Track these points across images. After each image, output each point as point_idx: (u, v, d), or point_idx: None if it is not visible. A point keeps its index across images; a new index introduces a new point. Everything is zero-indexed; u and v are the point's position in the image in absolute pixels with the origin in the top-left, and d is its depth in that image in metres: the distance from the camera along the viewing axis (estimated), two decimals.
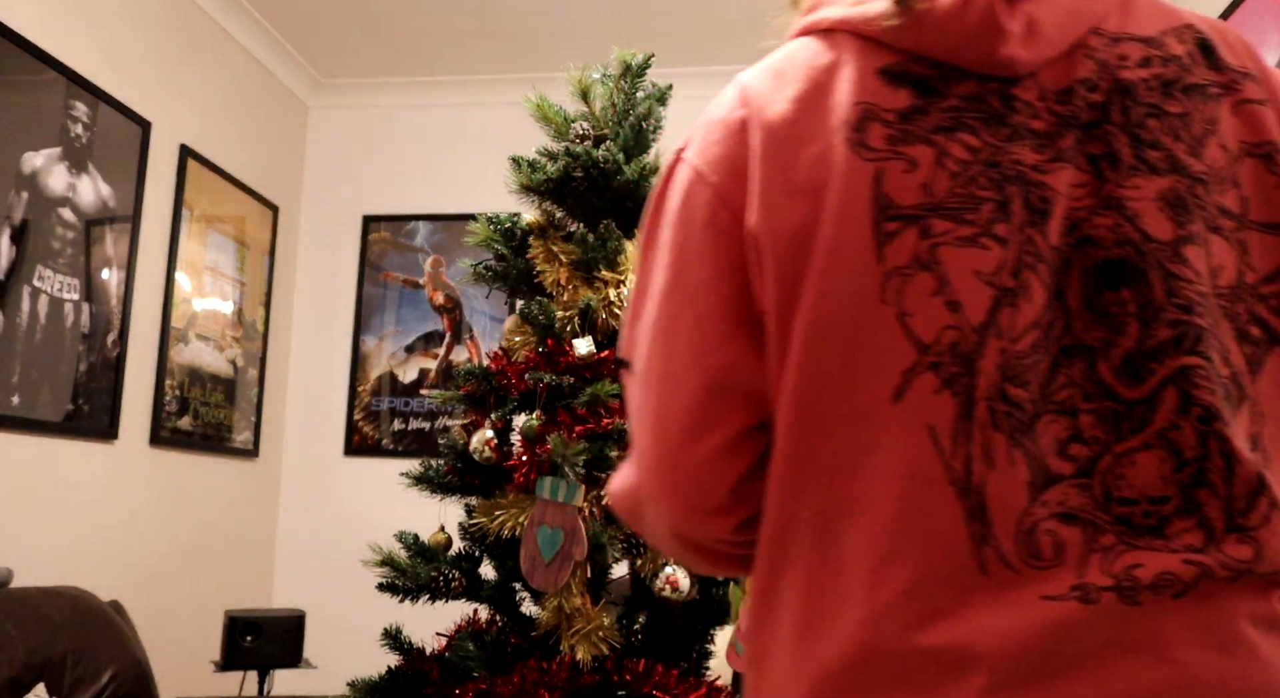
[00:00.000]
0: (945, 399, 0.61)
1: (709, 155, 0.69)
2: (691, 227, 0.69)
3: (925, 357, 0.62)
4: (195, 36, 3.33)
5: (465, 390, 1.80)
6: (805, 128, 0.66)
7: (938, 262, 0.62)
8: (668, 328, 0.70)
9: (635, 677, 1.58)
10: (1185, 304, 0.62)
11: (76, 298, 2.71)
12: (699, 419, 0.68)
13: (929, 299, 0.62)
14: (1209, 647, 0.59)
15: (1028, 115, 0.65)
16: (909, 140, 0.64)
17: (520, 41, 3.72)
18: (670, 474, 0.70)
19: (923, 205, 0.63)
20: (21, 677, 1.99)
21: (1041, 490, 0.60)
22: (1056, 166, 0.64)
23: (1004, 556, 0.59)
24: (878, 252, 0.63)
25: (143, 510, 3.02)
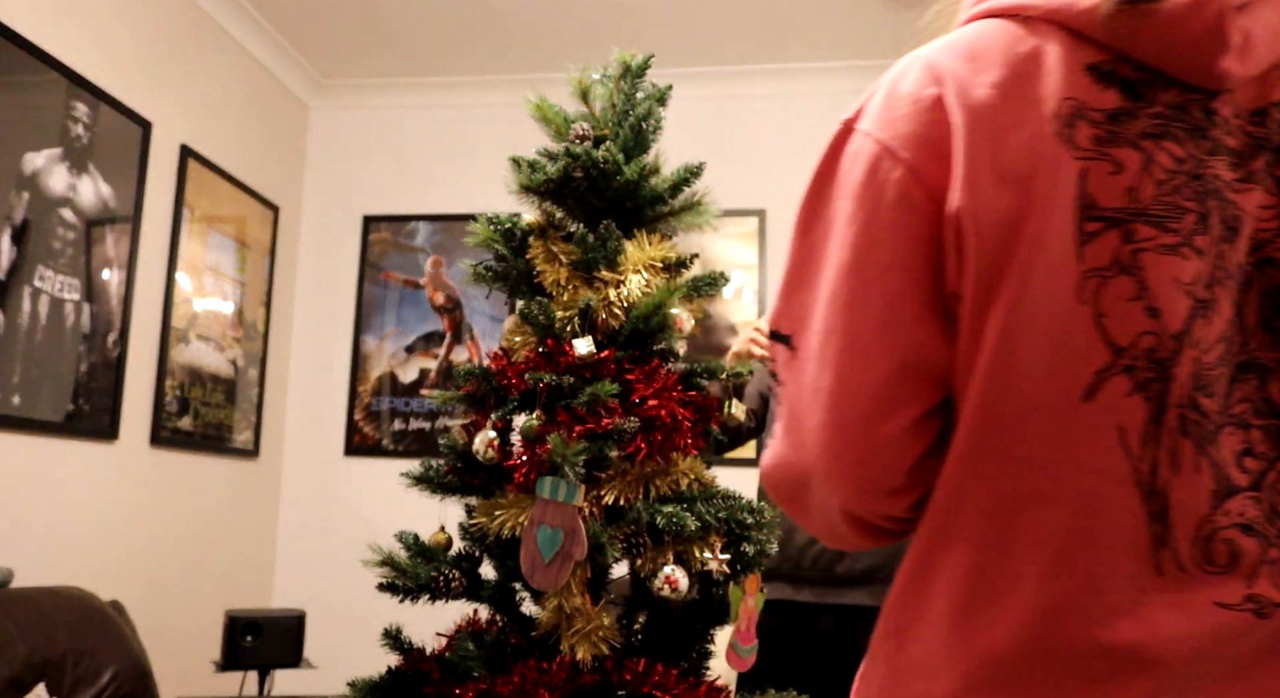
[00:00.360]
0: (1137, 402, 0.63)
1: (897, 131, 0.68)
2: (880, 202, 0.67)
3: (1120, 359, 0.63)
4: (195, 37, 3.33)
5: (465, 390, 1.80)
6: (1012, 115, 0.65)
7: (1139, 267, 0.63)
8: (850, 304, 0.68)
9: (635, 677, 1.58)
10: None
11: (77, 298, 2.71)
12: (888, 398, 0.68)
13: (1127, 303, 0.63)
14: None
15: (1224, 131, 0.65)
16: (1116, 143, 0.64)
17: (520, 41, 3.72)
18: (851, 453, 0.69)
19: (1127, 209, 0.63)
20: (22, 676, 1.99)
21: (1224, 500, 0.62)
22: (1247, 187, 0.65)
23: (1179, 559, 0.62)
24: (1078, 250, 0.63)
25: (143, 510, 3.03)
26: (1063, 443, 0.63)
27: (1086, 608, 0.62)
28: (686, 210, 1.90)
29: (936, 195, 0.66)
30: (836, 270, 0.70)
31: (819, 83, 3.84)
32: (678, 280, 1.82)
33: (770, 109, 3.89)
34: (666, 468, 1.68)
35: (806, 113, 3.86)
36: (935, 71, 0.68)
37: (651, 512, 1.63)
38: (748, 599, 1.72)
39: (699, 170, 1.89)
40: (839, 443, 0.69)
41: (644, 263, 1.78)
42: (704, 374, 1.80)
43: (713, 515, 1.64)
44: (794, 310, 0.73)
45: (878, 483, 0.70)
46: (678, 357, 1.81)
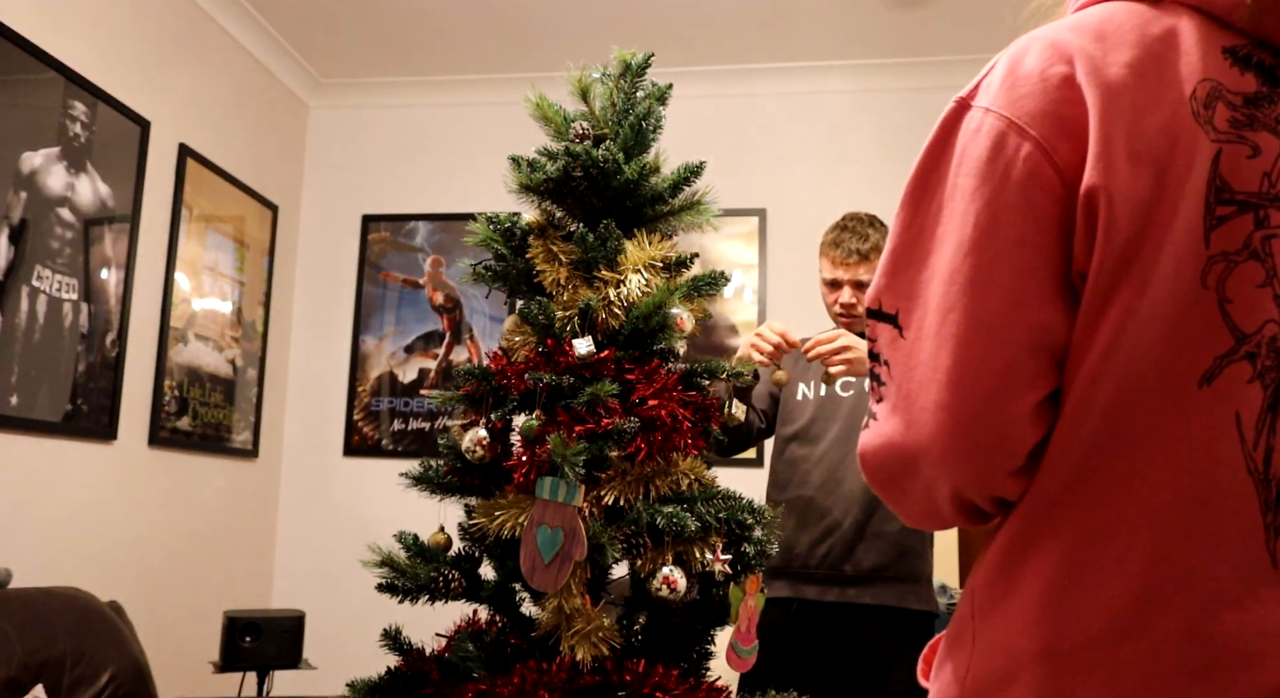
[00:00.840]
0: (1255, 390, 0.63)
1: (1024, 108, 0.67)
2: (1007, 179, 0.66)
3: (1243, 345, 0.63)
4: (195, 36, 3.32)
5: (465, 391, 1.79)
6: (1148, 95, 0.64)
7: (1270, 253, 0.63)
8: (975, 281, 0.66)
9: (635, 677, 1.58)
10: None
11: (75, 298, 2.71)
12: (1015, 379, 0.66)
13: (1254, 289, 0.63)
14: None
15: None
16: (1254, 126, 0.64)
17: (520, 41, 3.71)
18: (975, 434, 0.66)
19: (1262, 194, 0.63)
20: (20, 677, 1.99)
21: None
22: None
23: None
24: (1205, 234, 0.63)
25: (142, 511, 3.02)
26: (1176, 427, 0.63)
27: (1190, 596, 0.61)
28: (686, 210, 1.89)
29: (1066, 175, 0.65)
30: (957, 247, 0.67)
31: (819, 82, 3.84)
32: (678, 280, 1.81)
33: (770, 109, 3.89)
34: (666, 468, 1.67)
35: (806, 112, 3.85)
36: (1063, 50, 0.67)
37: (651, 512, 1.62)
38: (748, 600, 1.71)
39: (699, 170, 1.88)
40: (962, 423, 0.66)
41: (644, 262, 1.78)
42: (704, 374, 1.79)
43: (713, 516, 1.64)
44: (901, 288, 0.71)
45: (999, 466, 0.67)
46: (678, 357, 1.81)
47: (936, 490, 0.71)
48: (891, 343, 0.71)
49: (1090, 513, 0.65)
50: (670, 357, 1.79)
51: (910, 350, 0.70)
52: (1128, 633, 0.62)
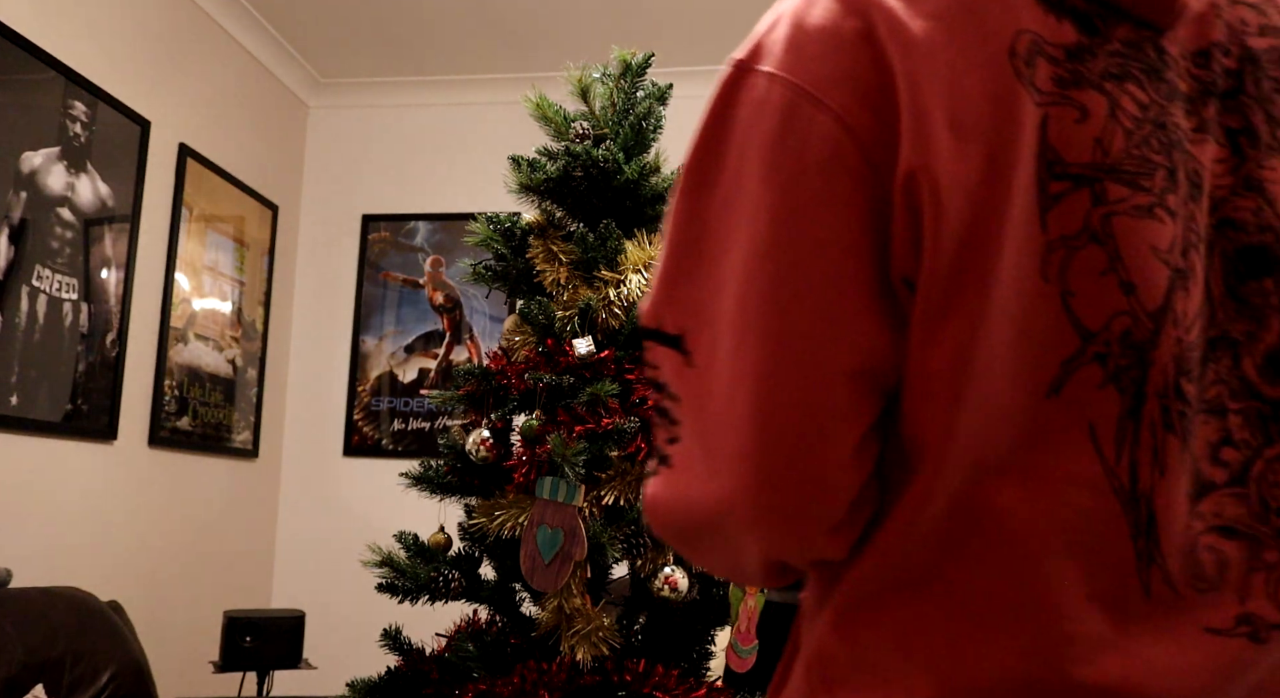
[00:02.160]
0: (1110, 395, 0.52)
1: (815, 72, 0.53)
2: (802, 162, 0.52)
3: (1090, 345, 0.52)
4: (195, 36, 3.32)
5: (465, 390, 1.79)
6: (963, 52, 0.52)
7: (1110, 234, 0.52)
8: (773, 294, 0.53)
9: (635, 677, 1.58)
10: None
11: (75, 297, 2.71)
12: (834, 414, 0.53)
13: (1098, 278, 0.52)
14: None
15: (1175, 74, 0.56)
16: (1080, 85, 0.53)
17: (520, 41, 3.71)
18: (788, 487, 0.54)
19: (1096, 165, 0.52)
20: (20, 677, 1.99)
21: (1197, 501, 0.54)
22: (1202, 137, 0.56)
23: (1169, 577, 0.52)
24: (1041, 216, 0.52)
25: (142, 511, 3.02)
26: (1031, 449, 0.52)
27: (1064, 643, 0.52)
28: None
29: (873, 155, 0.52)
30: (750, 250, 0.54)
31: None
32: None
33: None
34: None
35: None
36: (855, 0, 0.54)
37: None
38: (748, 600, 1.71)
39: None
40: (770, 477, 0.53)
41: (644, 262, 1.78)
42: None
43: None
44: (682, 304, 0.57)
45: (818, 523, 0.55)
46: None
47: (743, 553, 0.59)
48: (678, 372, 0.57)
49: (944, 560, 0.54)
50: None
51: (701, 381, 0.55)
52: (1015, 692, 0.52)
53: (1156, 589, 0.52)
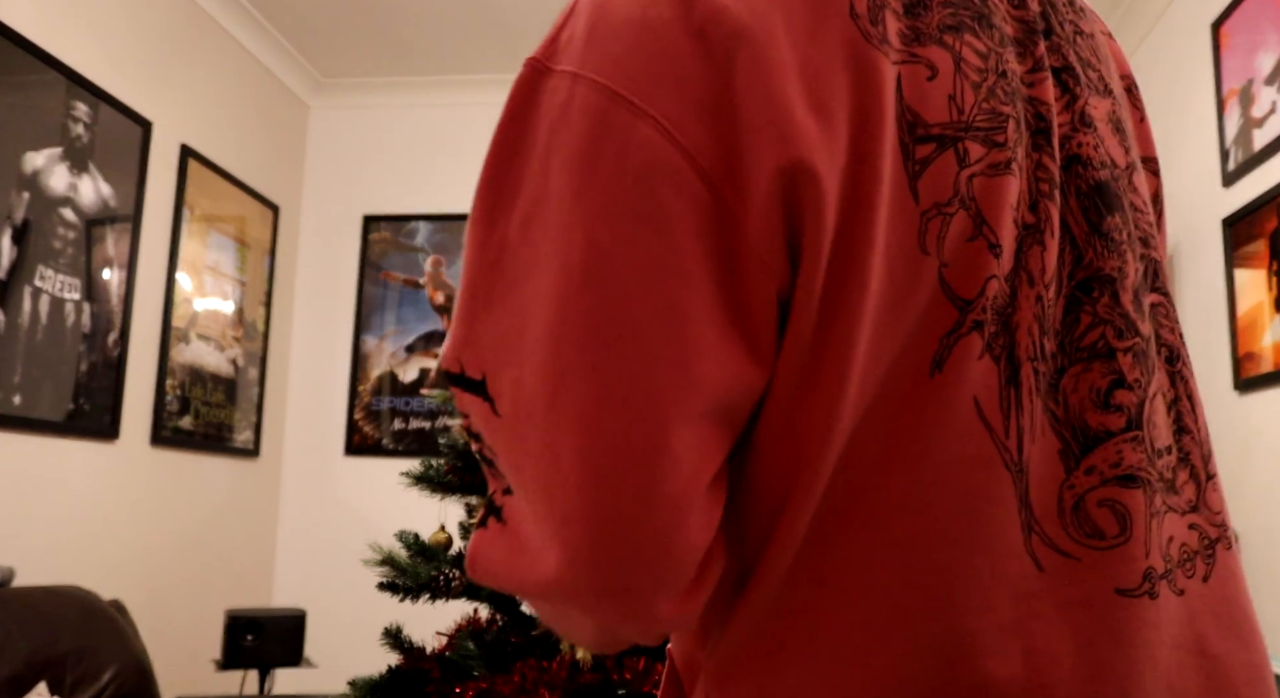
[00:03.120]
0: (987, 364, 0.48)
1: (628, 71, 0.45)
2: (621, 172, 0.45)
3: (969, 313, 0.48)
4: (195, 36, 3.33)
5: None
6: (803, 22, 0.46)
7: (973, 197, 0.48)
8: (596, 329, 0.44)
9: (635, 676, 1.59)
10: (1144, 237, 0.56)
11: (78, 298, 2.72)
12: (677, 463, 0.44)
13: (966, 245, 0.48)
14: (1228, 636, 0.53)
15: (1000, 19, 0.53)
16: (923, 40, 0.49)
17: (520, 41, 3.72)
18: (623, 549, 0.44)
19: (954, 124, 0.48)
20: (23, 676, 2.00)
21: (1082, 455, 0.50)
22: (1040, 77, 0.53)
23: (1052, 542, 0.48)
24: (912, 185, 0.47)
25: (144, 510, 3.03)
26: (920, 433, 0.47)
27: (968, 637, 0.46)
28: None
29: (701, 163, 0.44)
30: (563, 278, 0.45)
31: None
32: None
33: None
34: None
35: None
36: None
37: None
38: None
39: None
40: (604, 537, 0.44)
41: None
42: None
43: None
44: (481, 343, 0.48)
45: (665, 589, 0.46)
46: None
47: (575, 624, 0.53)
48: (487, 421, 0.48)
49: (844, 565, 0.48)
50: None
51: (513, 433, 0.47)
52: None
53: (1045, 559, 0.48)
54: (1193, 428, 0.56)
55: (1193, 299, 2.93)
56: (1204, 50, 2.86)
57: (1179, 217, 3.04)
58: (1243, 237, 2.60)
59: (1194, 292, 2.92)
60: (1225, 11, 2.71)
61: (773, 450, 0.48)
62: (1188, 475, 0.55)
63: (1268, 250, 2.46)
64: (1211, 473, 0.56)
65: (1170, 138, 3.11)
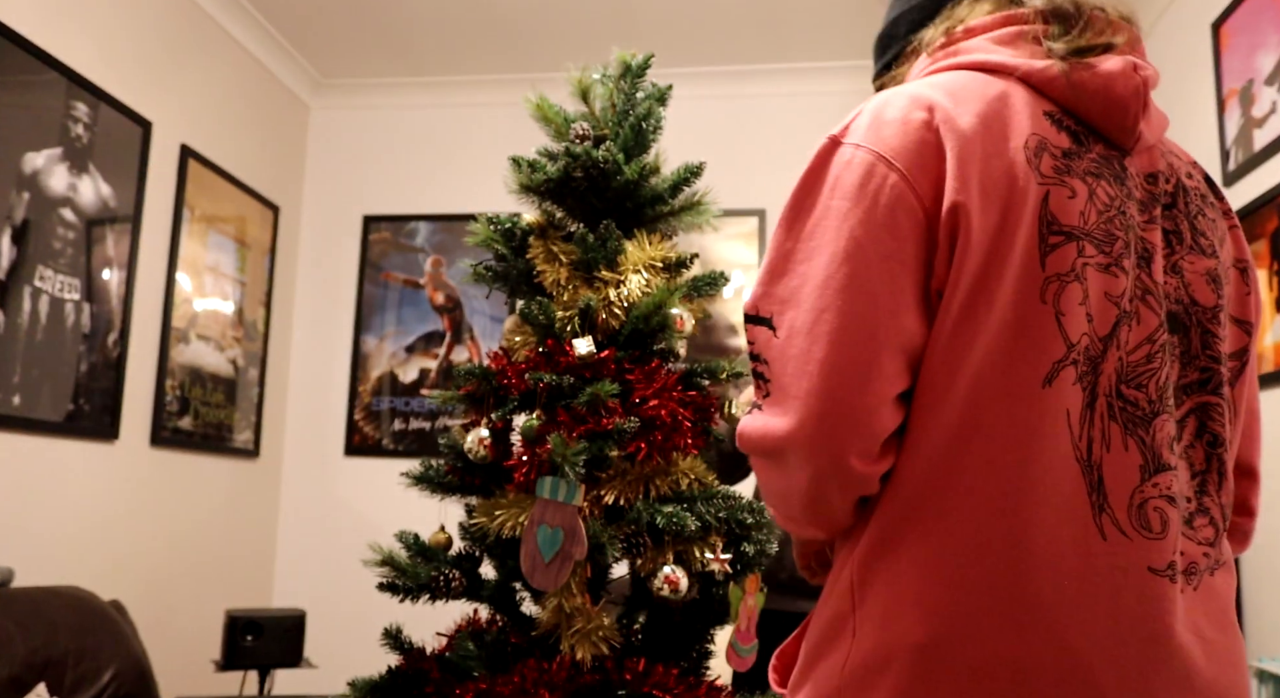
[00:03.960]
0: (1078, 390, 0.75)
1: (890, 145, 0.78)
2: (876, 202, 0.77)
3: (1071, 353, 0.76)
4: (195, 36, 3.33)
5: (465, 390, 1.80)
6: (992, 143, 0.78)
7: (1084, 278, 0.77)
8: (848, 286, 0.76)
9: (635, 677, 1.59)
10: (1215, 356, 0.83)
11: (77, 298, 2.72)
12: (881, 373, 0.76)
13: (1077, 306, 0.76)
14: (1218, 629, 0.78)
15: (1133, 185, 0.82)
16: (1070, 174, 0.79)
17: (520, 41, 3.72)
18: (839, 417, 0.75)
19: (1078, 228, 0.77)
20: (23, 676, 2.00)
21: (1152, 475, 0.76)
22: (1153, 228, 0.82)
23: (1118, 523, 0.74)
24: (1041, 259, 0.76)
25: (143, 510, 3.03)
26: (1026, 423, 0.74)
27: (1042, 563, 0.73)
28: (686, 210, 1.90)
29: (926, 202, 0.77)
30: (831, 258, 0.77)
31: (819, 83, 3.84)
32: (678, 280, 1.82)
33: (770, 109, 3.89)
34: (666, 468, 1.68)
35: (806, 113, 3.86)
36: (922, 101, 0.80)
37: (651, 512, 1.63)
38: (748, 599, 1.72)
39: (699, 170, 1.89)
40: (829, 408, 0.75)
41: (644, 263, 1.79)
42: (704, 374, 1.80)
43: (713, 515, 1.64)
44: (776, 295, 0.81)
45: (859, 447, 0.76)
46: (678, 357, 1.81)
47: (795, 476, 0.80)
48: (767, 343, 0.80)
49: (950, 504, 0.75)
50: (670, 357, 1.80)
51: (783, 348, 0.79)
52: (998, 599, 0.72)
53: (1109, 532, 0.74)
54: (1214, 494, 0.83)
55: None
56: (1204, 50, 2.86)
57: None
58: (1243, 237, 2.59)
59: None
60: (1225, 11, 2.71)
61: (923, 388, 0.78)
62: (1207, 522, 0.81)
63: (1268, 250, 2.46)
64: (1227, 527, 0.84)
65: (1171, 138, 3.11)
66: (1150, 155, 0.85)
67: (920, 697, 0.73)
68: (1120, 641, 0.72)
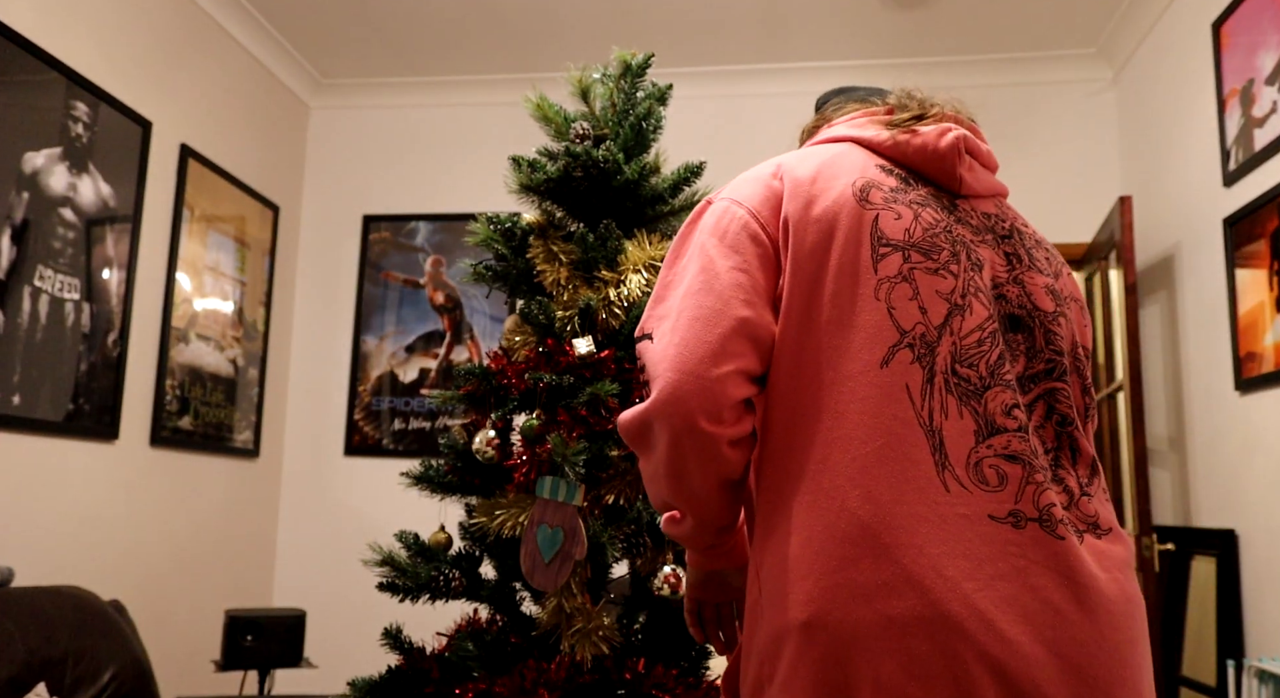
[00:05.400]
0: (916, 369, 0.92)
1: (742, 193, 1.03)
2: (727, 231, 1.00)
3: (904, 339, 0.93)
4: (195, 36, 3.33)
5: (465, 390, 1.80)
6: (824, 183, 1.00)
7: (914, 280, 0.95)
8: (701, 290, 0.98)
9: (635, 676, 1.58)
10: (1058, 349, 0.99)
11: (77, 298, 2.71)
12: (723, 349, 0.94)
13: (908, 301, 0.94)
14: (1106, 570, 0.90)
15: (967, 216, 1.03)
16: (897, 203, 0.99)
17: (520, 41, 3.72)
18: (692, 385, 0.94)
19: (904, 242, 0.97)
20: (22, 676, 2.00)
21: (988, 436, 0.91)
22: (984, 244, 1.01)
23: (959, 479, 0.89)
24: (874, 266, 0.95)
25: (143, 510, 3.03)
26: (870, 398, 0.91)
27: (896, 515, 0.87)
28: (687, 210, 1.90)
29: (769, 230, 1.00)
30: (693, 274, 1.00)
31: (819, 83, 3.84)
32: None
33: (770, 109, 3.89)
34: None
35: (806, 113, 3.85)
36: (772, 163, 1.05)
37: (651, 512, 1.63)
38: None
39: (699, 170, 1.89)
40: (686, 380, 0.94)
41: (644, 262, 1.78)
42: None
43: None
44: (655, 315, 1.01)
45: (710, 411, 0.94)
46: None
47: (659, 447, 0.98)
48: (647, 350, 0.99)
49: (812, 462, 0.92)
50: None
51: (656, 349, 0.98)
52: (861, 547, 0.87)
53: (952, 486, 0.88)
54: (1069, 467, 0.96)
55: (1194, 299, 2.92)
56: (1205, 50, 2.86)
57: (1180, 216, 3.03)
58: (1244, 236, 2.59)
59: (1195, 292, 2.92)
60: (1226, 11, 2.71)
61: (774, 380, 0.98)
62: (1061, 489, 0.94)
63: (1269, 250, 2.46)
64: (1089, 493, 0.95)
65: (1171, 138, 3.11)
66: (987, 203, 1.06)
67: (811, 659, 0.87)
68: (970, 577, 0.84)
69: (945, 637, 0.82)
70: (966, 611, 0.83)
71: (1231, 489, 2.66)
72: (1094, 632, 0.85)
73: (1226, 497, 2.69)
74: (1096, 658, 0.84)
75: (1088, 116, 3.67)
